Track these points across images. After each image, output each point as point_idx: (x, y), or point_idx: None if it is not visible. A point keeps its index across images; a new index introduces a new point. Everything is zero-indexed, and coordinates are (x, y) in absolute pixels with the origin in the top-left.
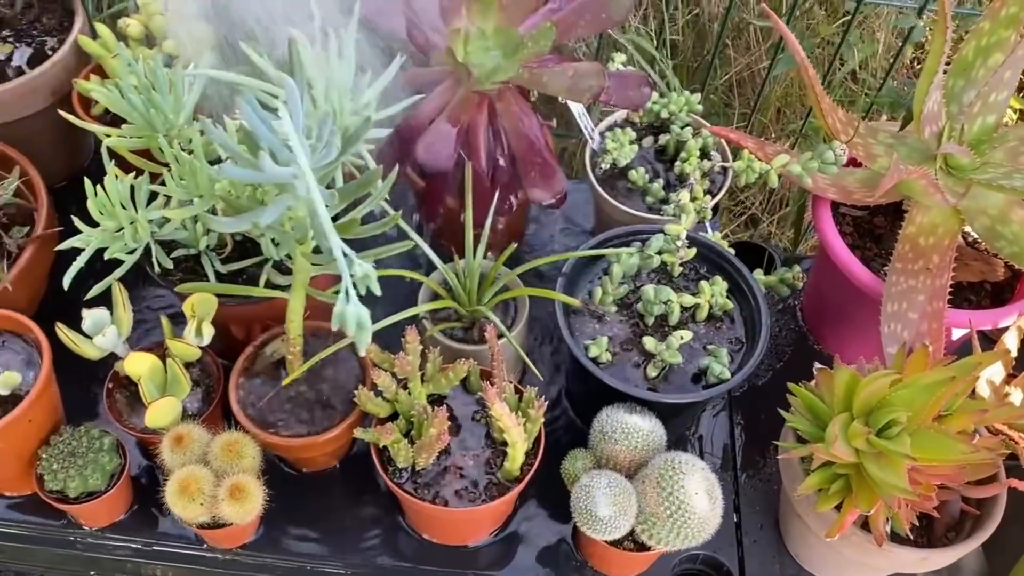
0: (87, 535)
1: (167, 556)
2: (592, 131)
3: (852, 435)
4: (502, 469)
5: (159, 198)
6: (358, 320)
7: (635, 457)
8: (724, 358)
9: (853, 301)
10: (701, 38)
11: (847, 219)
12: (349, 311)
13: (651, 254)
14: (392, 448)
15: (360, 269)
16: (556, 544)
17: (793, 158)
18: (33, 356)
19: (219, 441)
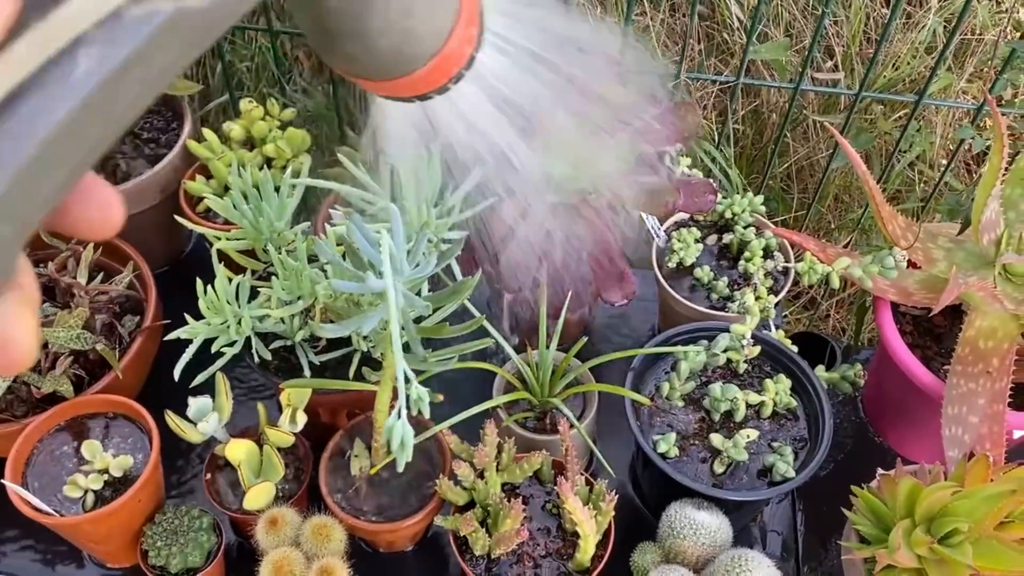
0: None
1: None
2: (658, 230)
3: (915, 542)
4: (573, 560)
5: (259, 294)
6: (403, 438)
7: (702, 553)
8: (789, 456)
9: (914, 399)
10: (760, 128)
11: (907, 317)
12: (397, 427)
13: (717, 352)
14: (470, 537)
15: (416, 391)
16: None
17: (854, 261)
18: (141, 439)
19: (309, 524)
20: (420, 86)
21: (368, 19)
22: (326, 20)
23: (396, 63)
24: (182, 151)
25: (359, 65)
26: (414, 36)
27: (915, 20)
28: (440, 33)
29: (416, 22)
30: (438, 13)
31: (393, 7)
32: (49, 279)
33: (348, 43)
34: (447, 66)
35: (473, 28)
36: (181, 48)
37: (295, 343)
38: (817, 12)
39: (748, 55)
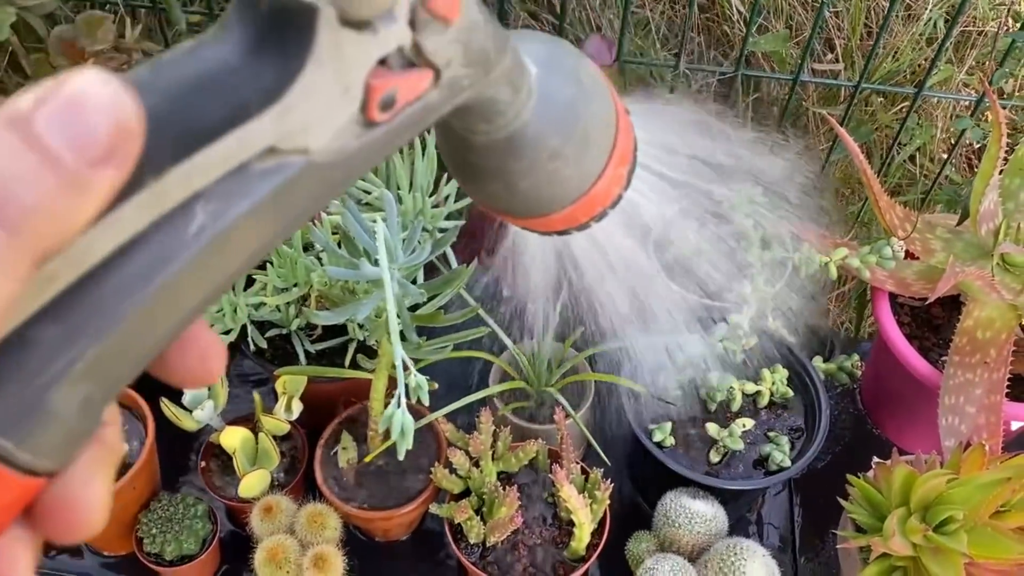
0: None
1: None
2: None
3: (910, 530)
4: (568, 548)
5: (255, 283)
6: (402, 426)
7: (697, 542)
8: (785, 446)
9: (911, 390)
10: (762, 119)
11: (905, 308)
12: (396, 416)
13: (715, 342)
14: (465, 525)
15: (415, 379)
16: None
17: (852, 251)
18: (136, 426)
19: (304, 512)
20: (559, 225)
21: (513, 160)
22: (469, 155)
23: (538, 205)
24: None
25: (498, 202)
26: (559, 179)
27: (915, 12)
28: (588, 176)
29: (563, 165)
30: (589, 156)
31: (543, 149)
32: None
33: (490, 182)
34: (591, 207)
35: (624, 168)
36: (308, 201)
37: (291, 331)
38: (817, 4)
39: (747, 46)
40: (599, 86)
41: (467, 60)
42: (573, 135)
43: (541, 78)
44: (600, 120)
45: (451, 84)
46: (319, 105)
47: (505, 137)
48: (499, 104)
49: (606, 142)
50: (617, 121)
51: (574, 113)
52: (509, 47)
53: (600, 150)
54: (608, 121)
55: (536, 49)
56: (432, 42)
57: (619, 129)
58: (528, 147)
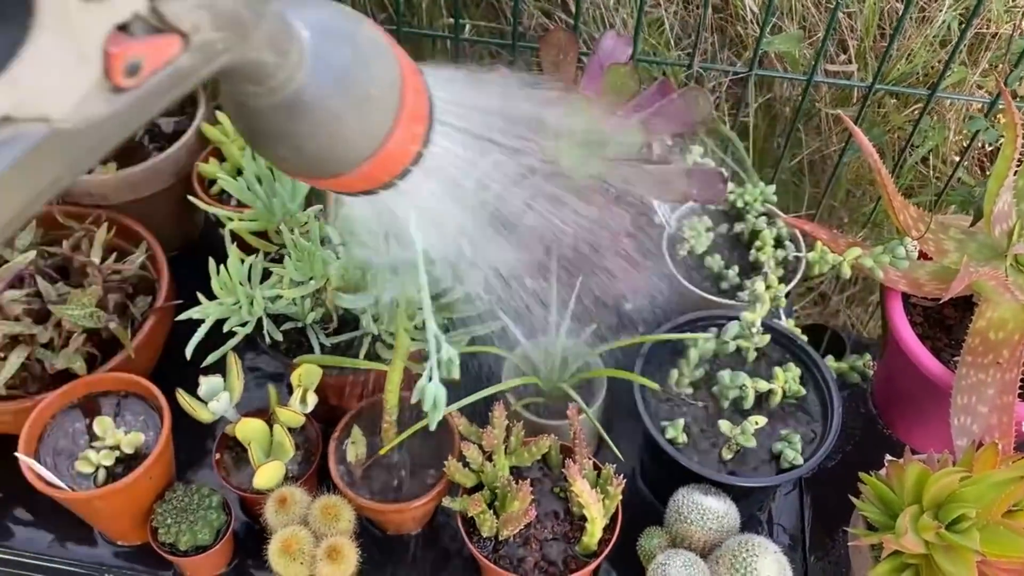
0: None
1: None
2: (670, 218)
3: (922, 528)
4: (580, 543)
5: (272, 276)
6: (435, 398)
7: (709, 538)
8: (797, 444)
9: (923, 390)
10: (773, 122)
11: (917, 309)
12: (429, 388)
13: (727, 340)
14: (478, 519)
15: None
16: None
17: (865, 251)
18: (152, 417)
19: (318, 504)
20: (359, 184)
21: (294, 123)
22: (252, 120)
23: (327, 165)
24: (196, 134)
25: (289, 165)
26: (345, 140)
27: (928, 15)
28: (376, 136)
29: (347, 126)
30: (373, 116)
31: (321, 111)
32: (63, 258)
33: (276, 145)
34: (389, 166)
35: (419, 126)
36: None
37: (306, 325)
38: (831, 5)
39: (761, 46)
40: (379, 48)
41: (217, 24)
42: (353, 96)
43: (314, 42)
44: (381, 81)
45: (203, 48)
46: (52, 73)
47: (282, 101)
48: (266, 67)
49: (391, 102)
50: (403, 81)
51: (352, 75)
52: (269, 12)
53: (385, 110)
54: (391, 81)
55: (310, 15)
56: (173, 8)
57: (406, 88)
58: (307, 110)
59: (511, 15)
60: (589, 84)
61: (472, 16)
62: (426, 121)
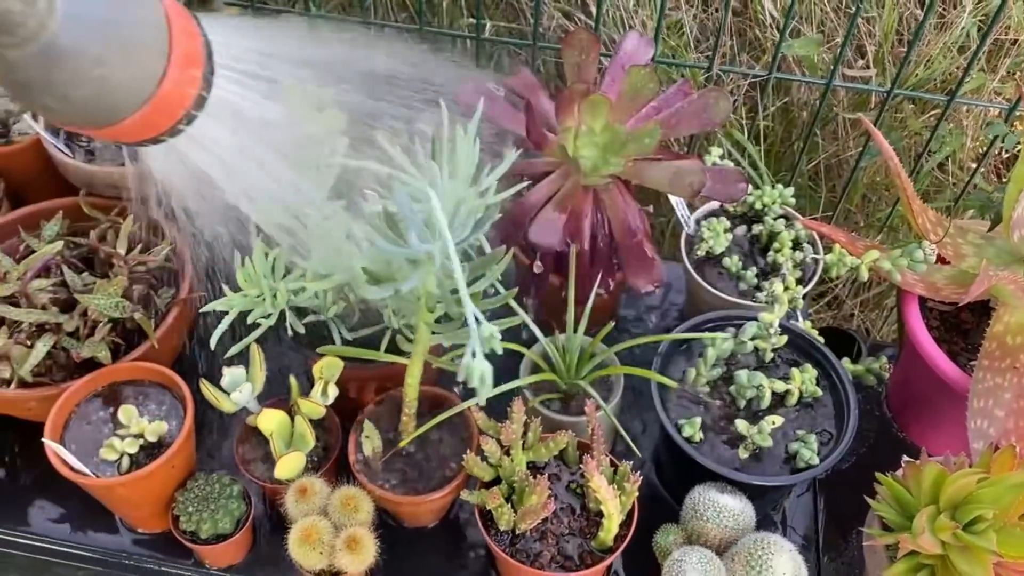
0: (212, 574)
1: None
2: (688, 219)
3: (939, 528)
4: (596, 539)
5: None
6: (482, 373)
7: (725, 535)
8: (813, 444)
9: (939, 393)
10: (789, 126)
11: (934, 313)
12: (475, 365)
13: (745, 340)
14: (496, 512)
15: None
16: None
17: (883, 254)
18: (175, 406)
19: (338, 495)
20: (143, 132)
21: (55, 71)
22: (13, 72)
23: (98, 114)
24: None
25: (60, 115)
26: (113, 86)
27: (947, 21)
28: (147, 80)
29: (112, 72)
30: (140, 60)
31: (80, 58)
32: (89, 249)
33: (41, 95)
34: (169, 111)
35: (195, 69)
36: None
37: (327, 318)
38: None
39: (781, 50)
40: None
41: None
42: (114, 41)
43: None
44: (143, 23)
45: None
46: None
47: (38, 50)
48: (13, 15)
49: (158, 44)
50: (169, 24)
51: (109, 20)
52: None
53: (153, 53)
54: (155, 24)
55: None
56: None
57: (174, 30)
58: (66, 58)
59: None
60: (610, 84)
61: (492, 17)
62: (203, 63)
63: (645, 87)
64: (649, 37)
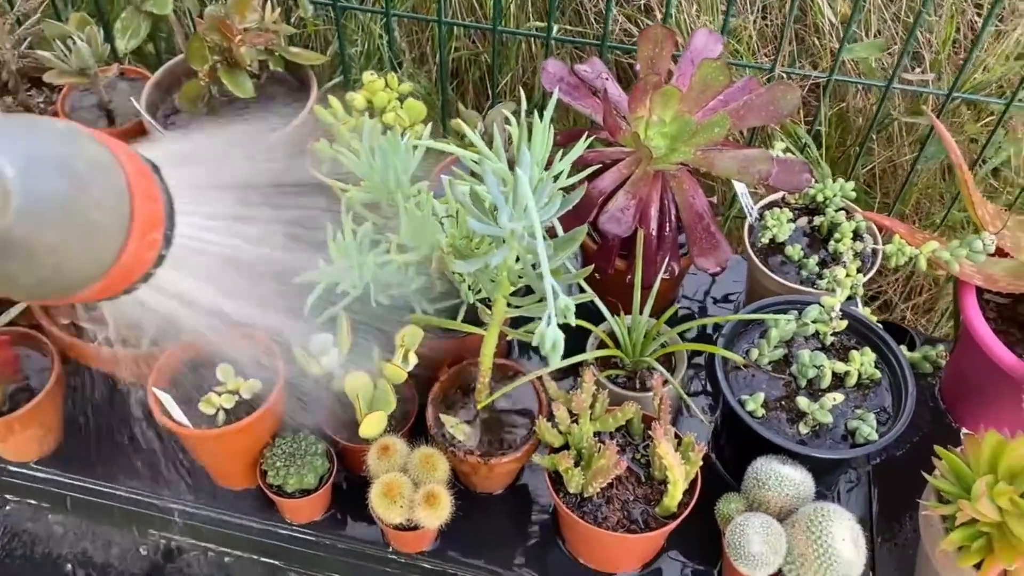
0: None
1: (355, 555)
2: (752, 208)
3: (998, 494)
4: (660, 504)
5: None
6: (555, 340)
7: (785, 504)
8: (872, 421)
9: (994, 382)
10: (845, 132)
11: (991, 305)
12: (549, 332)
13: (807, 322)
14: (566, 474)
15: (563, 300)
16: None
17: (942, 245)
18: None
19: (417, 454)
20: (95, 298)
21: (7, 261)
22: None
23: (51, 292)
24: (309, 116)
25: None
26: (69, 268)
27: (1006, 28)
28: (106, 256)
29: (69, 256)
30: (100, 238)
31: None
32: None
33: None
34: (126, 278)
35: (156, 232)
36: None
37: (410, 292)
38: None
39: (842, 53)
40: (100, 166)
41: None
42: (72, 226)
43: (20, 180)
44: (105, 202)
45: None
46: None
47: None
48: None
49: (119, 219)
50: (131, 193)
51: (68, 205)
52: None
53: (113, 229)
54: (117, 198)
55: (17, 147)
56: None
57: (135, 200)
58: (19, 248)
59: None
60: (680, 78)
61: (558, 20)
62: (163, 224)
63: (715, 79)
64: (718, 34)
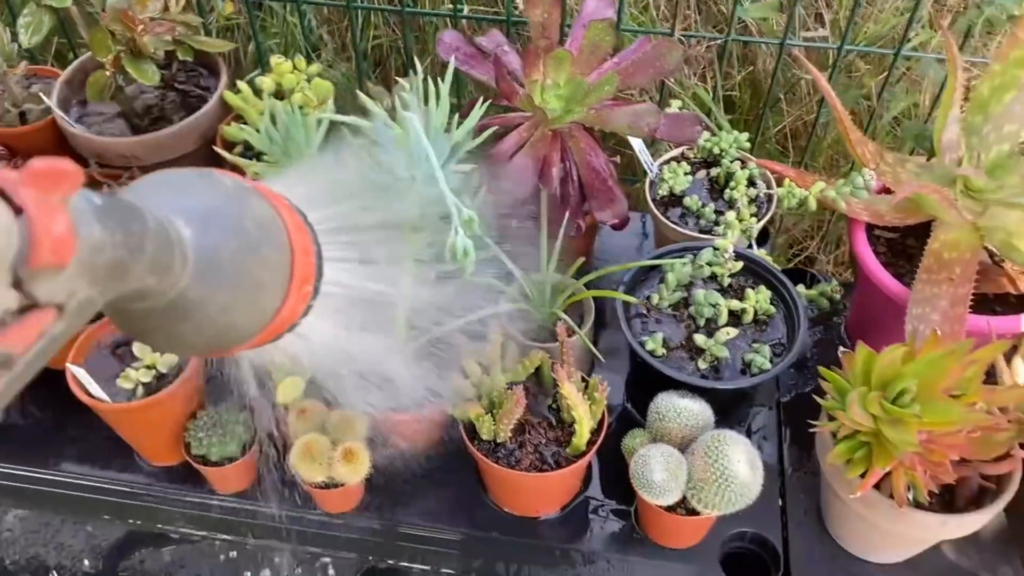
0: (220, 499)
1: (285, 519)
2: (652, 164)
3: (869, 403)
4: (570, 445)
5: None
6: (465, 248)
7: (686, 434)
8: (766, 353)
9: (887, 311)
10: (757, 94)
11: (882, 240)
12: (458, 240)
13: (702, 264)
14: (478, 422)
15: (467, 213)
16: (619, 520)
17: (829, 185)
18: None
19: (336, 414)
20: (246, 349)
21: (179, 322)
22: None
23: (214, 349)
24: (219, 102)
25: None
26: (234, 327)
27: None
28: (267, 313)
29: (236, 315)
30: (264, 296)
31: (208, 307)
32: None
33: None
34: (275, 331)
35: (307, 286)
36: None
37: None
38: None
39: (737, 13)
40: (267, 223)
41: (94, 280)
42: (242, 286)
43: (197, 240)
44: (271, 261)
45: (79, 309)
46: None
47: (165, 305)
48: (147, 289)
49: (282, 277)
50: (292, 248)
51: (239, 266)
52: (150, 234)
53: (276, 287)
54: (281, 256)
55: (189, 205)
56: (46, 289)
57: (295, 256)
58: (192, 309)
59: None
60: (572, 42)
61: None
62: (315, 276)
63: (604, 40)
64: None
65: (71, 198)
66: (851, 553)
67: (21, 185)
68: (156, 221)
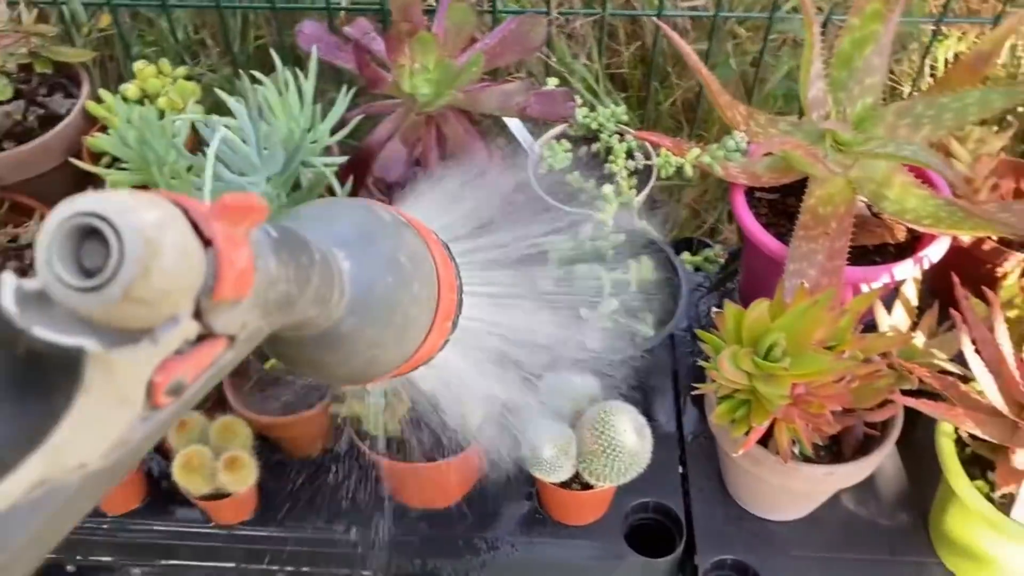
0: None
1: (178, 536)
2: (531, 144)
3: (740, 360)
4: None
5: None
6: None
7: (577, 408)
8: (649, 320)
9: (772, 273)
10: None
11: (763, 202)
12: None
13: (583, 240)
14: (363, 416)
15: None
16: (522, 504)
17: (704, 151)
18: None
19: (216, 424)
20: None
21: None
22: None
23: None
24: (82, 113)
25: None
26: (380, 361)
27: None
28: (410, 348)
29: (384, 350)
30: (410, 332)
31: (358, 341)
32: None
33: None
34: (416, 363)
35: (448, 321)
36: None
37: None
38: None
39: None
40: (419, 258)
41: (265, 312)
42: (392, 322)
43: (354, 273)
44: (420, 296)
45: (249, 339)
46: (93, 429)
47: (319, 336)
48: (307, 320)
49: (428, 312)
50: (439, 283)
51: (392, 301)
52: (316, 267)
53: (422, 321)
54: (429, 291)
55: (350, 237)
56: (223, 321)
57: (442, 292)
58: (344, 341)
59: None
60: (438, 24)
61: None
62: (455, 311)
63: (466, 21)
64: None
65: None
66: (754, 514)
67: (212, 218)
68: (320, 253)
